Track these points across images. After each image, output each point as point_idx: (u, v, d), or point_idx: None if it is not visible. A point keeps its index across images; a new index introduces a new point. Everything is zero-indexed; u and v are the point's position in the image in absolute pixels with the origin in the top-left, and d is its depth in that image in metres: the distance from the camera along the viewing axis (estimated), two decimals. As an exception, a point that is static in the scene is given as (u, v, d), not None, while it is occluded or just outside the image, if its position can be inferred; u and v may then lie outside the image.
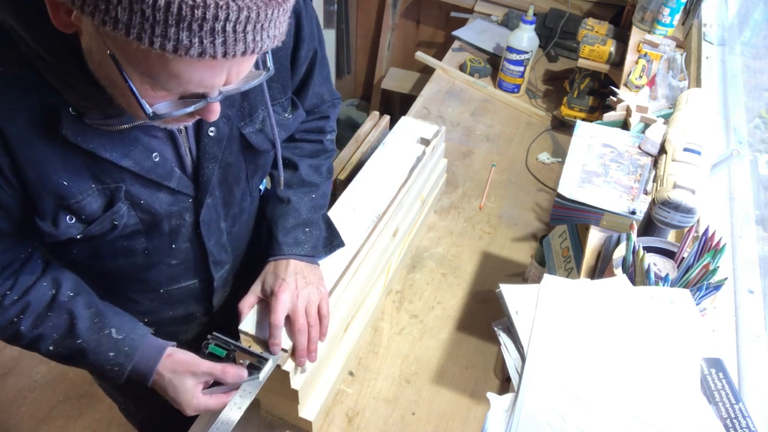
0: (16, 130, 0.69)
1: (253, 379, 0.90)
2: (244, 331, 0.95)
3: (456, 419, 1.11)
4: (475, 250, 1.44)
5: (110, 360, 0.87)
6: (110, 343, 0.87)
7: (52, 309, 0.85)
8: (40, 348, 0.86)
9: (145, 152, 0.79)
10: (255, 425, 1.06)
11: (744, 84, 1.38)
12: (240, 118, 0.88)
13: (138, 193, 0.81)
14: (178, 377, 0.88)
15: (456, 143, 1.77)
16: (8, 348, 2.19)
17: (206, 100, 0.65)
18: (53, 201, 0.75)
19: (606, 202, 1.03)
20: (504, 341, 0.72)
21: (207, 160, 0.86)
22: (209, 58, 0.55)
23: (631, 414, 0.63)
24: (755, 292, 0.94)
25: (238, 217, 1.01)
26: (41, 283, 0.85)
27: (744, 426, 0.64)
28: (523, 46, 1.86)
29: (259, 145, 0.92)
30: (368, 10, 2.89)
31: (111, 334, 0.87)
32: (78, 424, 2.03)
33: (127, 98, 0.64)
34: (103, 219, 0.79)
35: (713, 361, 0.71)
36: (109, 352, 0.87)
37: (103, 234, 0.82)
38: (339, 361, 1.10)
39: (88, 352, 0.86)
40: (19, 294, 0.83)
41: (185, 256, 0.96)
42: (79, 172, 0.75)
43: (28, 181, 0.72)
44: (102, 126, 0.73)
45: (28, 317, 0.83)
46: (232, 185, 0.94)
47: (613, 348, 0.70)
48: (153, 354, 0.89)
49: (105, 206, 0.79)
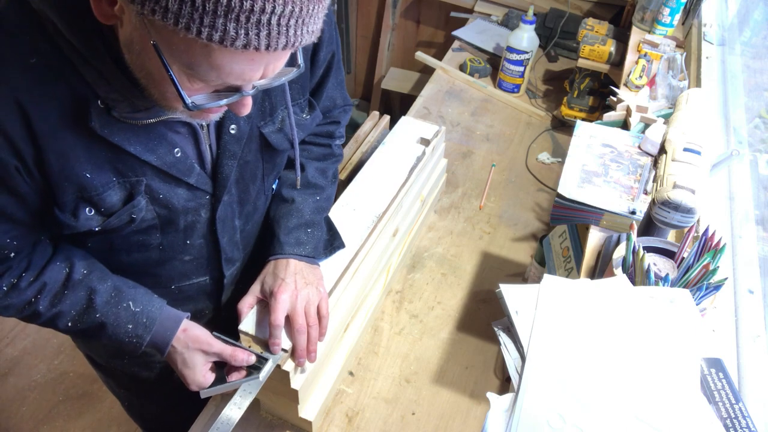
0: (44, 121, 0.70)
1: (253, 379, 0.90)
2: (244, 331, 0.95)
3: (456, 419, 1.11)
4: (475, 250, 1.44)
5: (129, 332, 0.88)
6: (128, 316, 0.88)
7: (68, 287, 0.86)
8: (58, 325, 0.87)
9: (168, 147, 0.80)
10: (255, 425, 1.07)
11: (744, 84, 1.38)
12: (260, 117, 0.90)
13: (158, 187, 0.82)
14: (190, 352, 0.90)
15: (456, 143, 1.77)
16: (8, 348, 2.19)
17: (240, 94, 0.67)
18: (74, 193, 0.76)
19: (606, 202, 1.03)
20: (504, 341, 0.72)
21: (226, 158, 0.87)
22: (252, 51, 0.57)
23: (631, 414, 0.63)
24: (755, 292, 0.94)
25: (252, 215, 1.02)
26: (55, 262, 0.86)
27: (744, 426, 0.64)
28: (523, 46, 1.86)
29: (277, 145, 0.94)
30: (368, 10, 2.89)
31: (129, 306, 0.89)
32: (78, 424, 2.03)
33: (163, 89, 0.67)
34: (122, 212, 0.81)
35: (713, 361, 0.71)
36: (128, 324, 0.88)
37: (120, 227, 0.83)
38: (339, 361, 1.10)
39: (107, 326, 0.88)
40: (34, 275, 0.84)
41: (199, 253, 0.97)
42: (102, 165, 0.76)
43: (51, 172, 0.73)
44: (129, 120, 0.74)
45: (45, 297, 0.85)
46: (248, 183, 0.95)
47: (613, 348, 0.70)
48: (170, 325, 0.91)
49: (125, 200, 0.81)
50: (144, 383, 1.20)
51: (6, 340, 2.21)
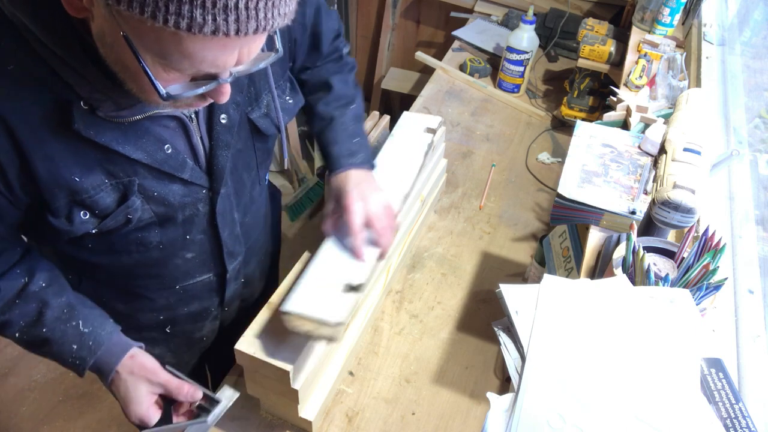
0: (27, 127, 0.69)
1: (200, 422, 0.87)
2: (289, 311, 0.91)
3: (456, 419, 1.11)
4: (475, 250, 1.44)
5: (72, 352, 0.87)
6: (75, 335, 0.87)
7: (20, 297, 0.85)
8: (6, 333, 0.87)
9: (157, 144, 0.79)
10: (255, 425, 1.07)
11: (744, 84, 1.38)
12: (247, 104, 0.90)
13: (151, 186, 0.81)
14: (134, 380, 0.88)
15: (456, 143, 1.77)
16: (8, 348, 2.19)
17: (217, 81, 0.66)
18: (66, 197, 0.75)
19: (606, 202, 1.03)
20: (504, 341, 0.72)
21: (220, 148, 0.87)
22: (222, 36, 0.56)
23: (630, 414, 0.63)
24: (755, 292, 0.94)
25: (249, 207, 1.03)
26: (15, 270, 0.85)
27: (744, 426, 0.64)
28: (523, 46, 1.86)
29: (266, 130, 0.94)
30: (368, 10, 2.89)
31: (78, 326, 0.87)
32: (78, 424, 2.03)
33: (140, 81, 0.65)
34: (117, 213, 0.80)
35: (713, 361, 0.71)
36: (73, 344, 0.86)
37: (117, 228, 0.82)
38: (339, 361, 1.10)
39: (51, 342, 0.86)
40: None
41: (200, 248, 0.97)
42: (91, 167, 0.75)
43: (39, 179, 0.73)
44: (114, 118, 0.73)
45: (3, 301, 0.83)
46: (242, 173, 0.95)
47: (612, 348, 0.70)
48: (116, 351, 0.88)
49: (119, 201, 0.80)
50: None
51: (6, 340, 2.20)
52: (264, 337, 0.96)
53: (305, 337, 0.92)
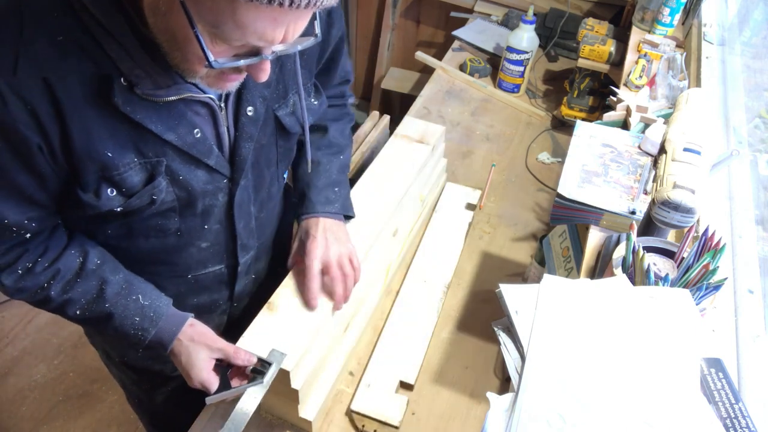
0: (70, 98, 0.71)
1: (257, 384, 0.91)
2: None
3: (456, 419, 1.11)
4: (475, 250, 1.44)
5: (135, 324, 0.90)
6: (136, 308, 0.90)
7: (80, 276, 0.87)
8: (68, 311, 0.88)
9: (188, 127, 0.82)
10: (255, 425, 1.06)
11: (744, 84, 1.38)
12: (275, 100, 0.92)
13: (177, 168, 0.84)
14: (195, 347, 0.92)
15: (456, 143, 1.77)
16: (8, 348, 2.19)
17: (260, 57, 0.69)
18: (96, 172, 0.78)
19: (606, 202, 1.03)
20: (504, 341, 0.72)
21: (244, 140, 0.89)
22: (277, 6, 0.59)
23: (630, 413, 0.63)
24: (755, 292, 0.94)
25: (266, 202, 1.04)
26: (69, 251, 0.87)
27: (744, 426, 0.64)
28: (523, 46, 1.86)
29: (291, 128, 0.96)
30: (368, 10, 2.89)
31: (138, 299, 0.90)
32: (78, 424, 2.03)
33: (186, 51, 0.69)
34: (143, 193, 0.82)
35: (713, 361, 0.71)
36: (135, 317, 0.90)
37: (141, 208, 0.84)
38: (339, 361, 1.10)
39: (114, 317, 0.89)
40: (50, 261, 0.85)
41: (215, 239, 0.98)
42: (123, 144, 0.78)
43: (74, 150, 0.75)
44: (151, 97, 0.75)
45: (58, 283, 0.86)
46: (263, 168, 0.97)
47: (612, 348, 0.70)
48: (176, 321, 0.92)
49: (146, 180, 0.82)
50: (156, 377, 1.21)
51: (6, 340, 2.21)
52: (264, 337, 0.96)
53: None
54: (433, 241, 1.41)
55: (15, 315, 2.28)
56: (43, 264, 0.85)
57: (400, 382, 1.13)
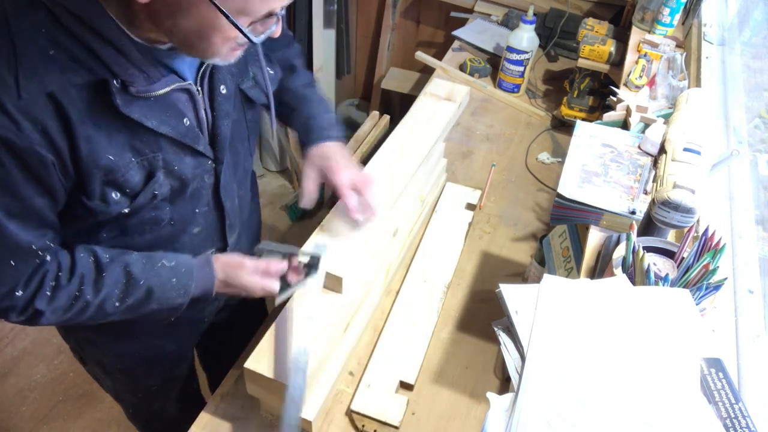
0: (75, 108, 0.73)
1: (313, 275, 0.98)
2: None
3: (456, 419, 1.11)
4: (475, 250, 1.44)
5: (175, 286, 0.92)
6: (168, 272, 0.92)
7: (102, 270, 0.88)
8: (108, 309, 0.88)
9: (179, 117, 0.84)
10: (255, 425, 1.06)
11: (744, 84, 1.38)
12: (238, 76, 0.95)
13: (172, 160, 0.85)
14: (234, 271, 0.95)
15: (456, 143, 1.77)
16: (8, 347, 2.19)
17: (277, 15, 0.75)
18: (101, 178, 0.79)
19: (606, 202, 1.03)
20: (504, 341, 0.72)
21: (221, 119, 0.91)
22: None
23: (630, 413, 0.63)
24: (755, 292, 0.94)
25: (244, 180, 1.06)
26: (78, 255, 0.88)
27: (744, 426, 0.64)
28: (523, 46, 1.86)
29: (257, 98, 0.99)
30: (368, 10, 2.89)
31: (164, 264, 0.92)
32: (78, 424, 2.03)
33: (213, 38, 0.73)
34: (146, 191, 0.84)
35: (713, 361, 0.71)
36: (171, 279, 0.92)
37: (145, 205, 0.86)
38: (339, 361, 1.10)
39: (153, 289, 0.90)
40: (68, 270, 0.86)
41: (205, 222, 1.00)
42: (121, 146, 0.79)
43: (81, 160, 0.76)
44: (144, 93, 0.77)
45: (88, 285, 0.86)
46: (238, 144, 0.99)
47: (612, 348, 0.70)
48: (203, 265, 0.95)
49: (145, 178, 0.84)
50: (152, 382, 1.21)
51: (6, 340, 2.21)
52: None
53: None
54: (433, 241, 1.41)
55: (15, 315, 2.28)
56: (66, 275, 0.85)
57: (400, 382, 1.13)
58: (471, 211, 1.50)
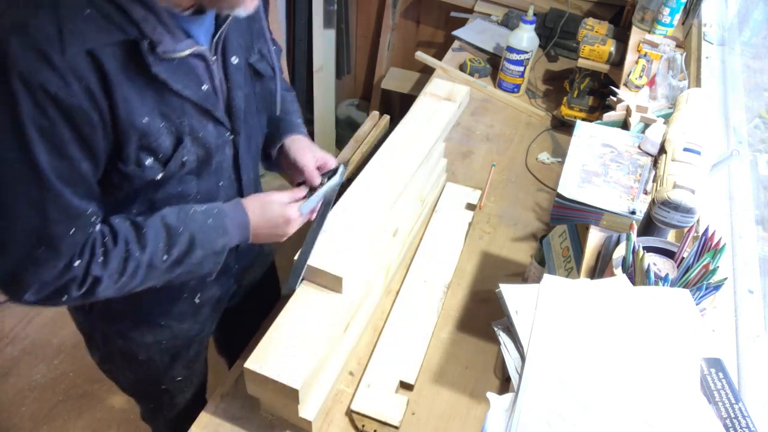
0: (112, 68, 0.74)
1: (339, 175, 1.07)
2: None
3: (456, 419, 1.11)
4: (475, 250, 1.44)
5: (213, 226, 0.94)
6: (203, 217, 0.93)
7: (142, 228, 0.89)
8: (156, 264, 0.89)
9: (198, 82, 0.86)
10: (255, 425, 1.06)
11: (744, 84, 1.38)
12: (246, 50, 0.97)
13: (195, 126, 0.88)
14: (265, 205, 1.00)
15: (456, 143, 1.77)
16: (8, 347, 2.19)
17: None
18: (136, 141, 0.80)
19: (606, 202, 1.03)
20: (504, 341, 0.72)
21: (235, 90, 0.94)
22: None
23: (630, 413, 0.63)
24: (755, 292, 0.94)
25: (256, 156, 1.09)
26: (114, 221, 0.89)
27: (744, 426, 0.64)
28: (523, 46, 1.86)
29: (264, 71, 1.01)
30: (368, 10, 2.89)
31: (196, 210, 0.93)
32: (78, 424, 2.03)
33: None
34: (176, 157, 0.86)
35: (713, 361, 0.71)
36: (207, 220, 0.93)
37: (175, 173, 0.88)
38: (339, 361, 1.10)
39: (196, 234, 0.92)
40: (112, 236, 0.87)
41: (226, 196, 1.02)
42: (152, 109, 0.81)
43: (119, 121, 0.77)
44: (170, 54, 0.79)
45: (133, 244, 0.87)
46: (250, 118, 1.01)
47: (612, 348, 0.70)
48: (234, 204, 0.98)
49: (175, 144, 0.86)
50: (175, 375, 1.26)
51: (6, 340, 2.21)
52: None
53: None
54: (433, 241, 1.41)
55: (15, 315, 2.28)
56: (111, 240, 0.86)
57: (400, 382, 1.13)
58: (471, 211, 1.50)
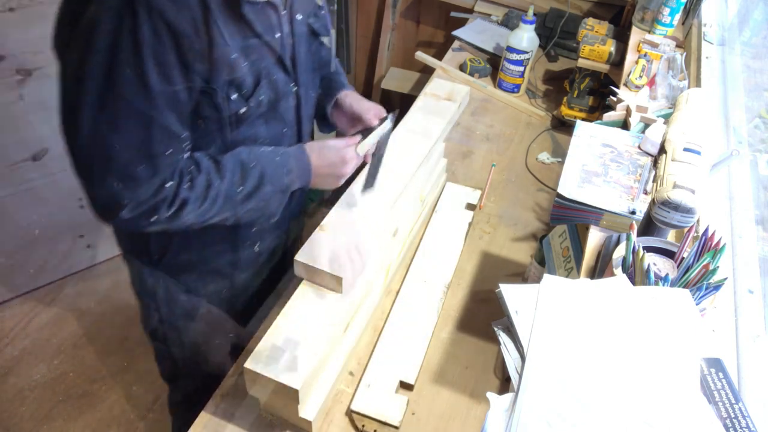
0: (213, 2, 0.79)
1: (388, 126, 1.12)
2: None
3: (456, 419, 1.11)
4: (475, 250, 1.44)
5: (279, 163, 1.00)
6: (269, 153, 1.00)
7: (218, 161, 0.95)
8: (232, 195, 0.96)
9: (273, 30, 0.92)
10: (255, 425, 1.06)
11: (744, 84, 1.38)
12: (304, 11, 1.03)
13: (271, 70, 0.94)
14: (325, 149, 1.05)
15: (456, 143, 1.77)
16: (8, 347, 2.19)
17: None
18: (225, 75, 0.86)
19: (606, 202, 1.03)
20: (504, 341, 0.72)
21: (299, 44, 1.00)
22: None
23: (630, 413, 0.63)
24: (755, 292, 0.94)
25: (311, 110, 1.14)
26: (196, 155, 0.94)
27: (744, 426, 0.64)
28: (523, 46, 1.86)
29: (321, 31, 1.09)
30: (368, 10, 2.89)
31: (266, 149, 1.00)
32: (78, 424, 2.03)
33: None
34: (256, 94, 0.92)
35: (713, 361, 0.71)
36: (275, 157, 1.00)
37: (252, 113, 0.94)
38: (339, 361, 1.10)
39: (266, 170, 0.98)
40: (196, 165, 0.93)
41: (288, 143, 1.07)
42: (238, 47, 0.86)
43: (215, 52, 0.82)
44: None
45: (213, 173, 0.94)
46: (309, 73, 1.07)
47: (612, 348, 0.70)
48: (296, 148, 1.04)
49: (255, 82, 0.92)
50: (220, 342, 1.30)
51: (6, 340, 2.21)
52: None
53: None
54: (433, 241, 1.41)
55: (15, 315, 2.28)
56: (195, 169, 0.92)
57: (400, 382, 1.13)
58: (471, 211, 1.50)
